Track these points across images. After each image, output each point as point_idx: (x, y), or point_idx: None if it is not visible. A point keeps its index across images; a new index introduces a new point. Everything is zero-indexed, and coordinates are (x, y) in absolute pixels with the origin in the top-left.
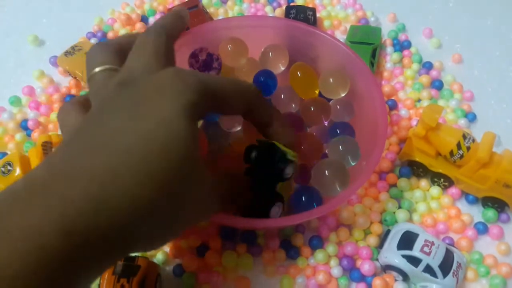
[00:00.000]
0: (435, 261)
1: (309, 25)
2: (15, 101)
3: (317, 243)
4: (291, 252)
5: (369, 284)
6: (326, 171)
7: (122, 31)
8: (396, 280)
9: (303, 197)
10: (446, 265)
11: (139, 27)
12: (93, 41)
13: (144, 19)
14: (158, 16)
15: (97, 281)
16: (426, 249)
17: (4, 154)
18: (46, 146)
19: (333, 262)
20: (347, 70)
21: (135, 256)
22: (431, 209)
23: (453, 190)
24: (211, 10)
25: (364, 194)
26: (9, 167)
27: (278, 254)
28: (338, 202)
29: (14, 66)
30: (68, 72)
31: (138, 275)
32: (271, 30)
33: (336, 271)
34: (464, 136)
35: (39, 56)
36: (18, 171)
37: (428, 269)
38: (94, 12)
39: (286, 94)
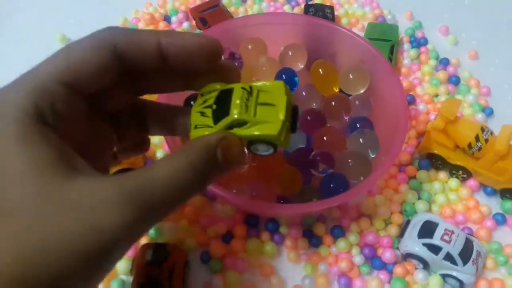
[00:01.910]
0: (455, 249)
1: (329, 21)
2: None
3: (338, 232)
4: (314, 240)
5: (390, 271)
6: (350, 161)
7: None
8: (416, 268)
9: (331, 184)
10: (466, 253)
11: (162, 26)
12: None
13: (166, 18)
14: (180, 16)
15: (129, 267)
16: (446, 237)
17: None
18: None
19: (355, 251)
20: (367, 65)
21: (165, 243)
22: (449, 200)
23: (472, 182)
24: (231, 9)
25: (384, 186)
26: None
27: (301, 243)
28: (364, 188)
29: None
30: None
31: (168, 261)
32: (290, 27)
33: (358, 259)
34: (482, 129)
35: None
36: None
37: (448, 257)
38: (119, 12)
39: (307, 91)
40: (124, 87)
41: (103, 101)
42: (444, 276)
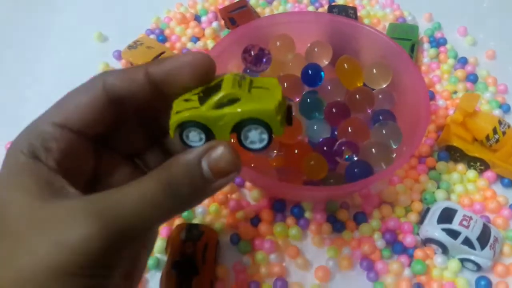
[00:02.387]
0: (473, 234)
1: (353, 19)
2: None
3: (361, 218)
4: (337, 225)
5: (410, 256)
6: (373, 150)
7: (178, 29)
8: (435, 253)
9: (356, 170)
10: (484, 238)
11: (192, 25)
12: (152, 37)
13: (197, 18)
14: (210, 16)
15: (164, 246)
16: (464, 222)
17: None
18: None
19: (377, 236)
20: (389, 60)
21: (198, 223)
22: (467, 190)
23: (489, 174)
24: (258, 10)
25: (405, 176)
26: None
27: (325, 227)
28: (388, 173)
29: (82, 59)
30: (131, 63)
31: (201, 240)
32: (315, 25)
33: (380, 243)
34: (500, 122)
35: (103, 50)
36: None
37: (467, 242)
38: (151, 12)
39: (332, 85)
40: (137, 131)
41: (117, 142)
42: (462, 261)
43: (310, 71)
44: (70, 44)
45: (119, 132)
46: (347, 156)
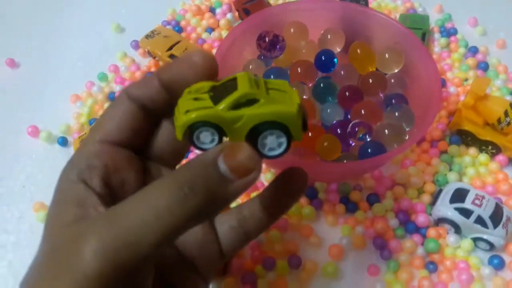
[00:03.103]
0: (486, 212)
1: (365, 6)
2: (103, 77)
3: (374, 199)
4: (350, 206)
5: (423, 235)
6: (386, 131)
7: (193, 21)
8: (448, 233)
9: (369, 149)
10: (496, 217)
11: (207, 17)
12: (169, 27)
13: (211, 10)
14: (224, 8)
15: None
16: (477, 201)
17: (95, 119)
18: None
19: (390, 215)
20: (401, 46)
21: None
22: (479, 173)
23: (501, 157)
24: (271, 1)
25: (417, 159)
26: None
27: (338, 208)
28: (401, 150)
29: (100, 49)
30: (148, 52)
31: None
32: (328, 13)
33: (393, 222)
34: (511, 105)
35: (121, 41)
36: None
37: (479, 220)
38: (167, 4)
39: (345, 70)
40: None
41: (160, 153)
42: (475, 240)
43: (323, 57)
44: (89, 35)
45: (159, 142)
46: (360, 135)
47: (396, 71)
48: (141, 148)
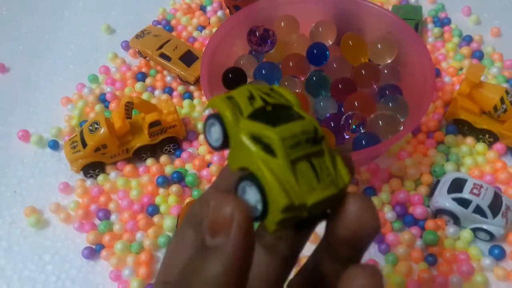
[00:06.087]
0: (484, 202)
1: None
2: (94, 79)
3: (370, 192)
4: None
5: (421, 227)
6: (380, 121)
7: (184, 19)
8: (447, 224)
9: (363, 141)
10: (495, 206)
11: (198, 15)
12: (159, 27)
13: (202, 8)
14: (215, 5)
15: (174, 223)
16: (475, 191)
17: (85, 122)
18: (128, 106)
19: (387, 209)
20: (394, 35)
21: None
22: (477, 162)
23: (498, 146)
24: None
25: (413, 151)
26: (96, 125)
27: None
28: (397, 138)
29: (90, 50)
30: (139, 52)
31: None
32: (319, 5)
33: (390, 215)
34: (507, 92)
35: (111, 42)
36: (103, 129)
37: (478, 210)
38: (158, 3)
39: (338, 63)
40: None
41: None
42: (474, 231)
43: (315, 50)
44: (79, 37)
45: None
46: (353, 127)
47: (389, 61)
48: None
